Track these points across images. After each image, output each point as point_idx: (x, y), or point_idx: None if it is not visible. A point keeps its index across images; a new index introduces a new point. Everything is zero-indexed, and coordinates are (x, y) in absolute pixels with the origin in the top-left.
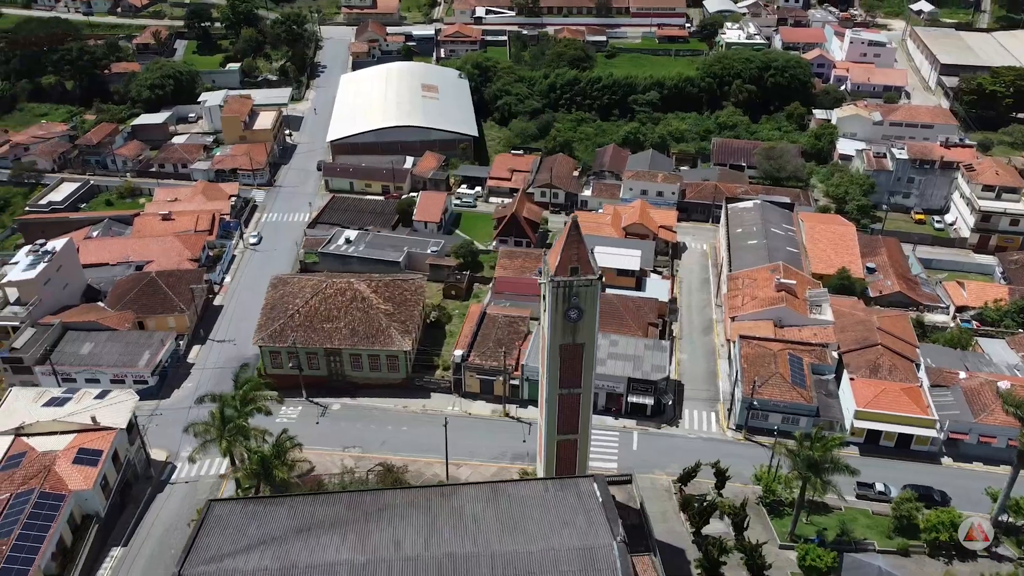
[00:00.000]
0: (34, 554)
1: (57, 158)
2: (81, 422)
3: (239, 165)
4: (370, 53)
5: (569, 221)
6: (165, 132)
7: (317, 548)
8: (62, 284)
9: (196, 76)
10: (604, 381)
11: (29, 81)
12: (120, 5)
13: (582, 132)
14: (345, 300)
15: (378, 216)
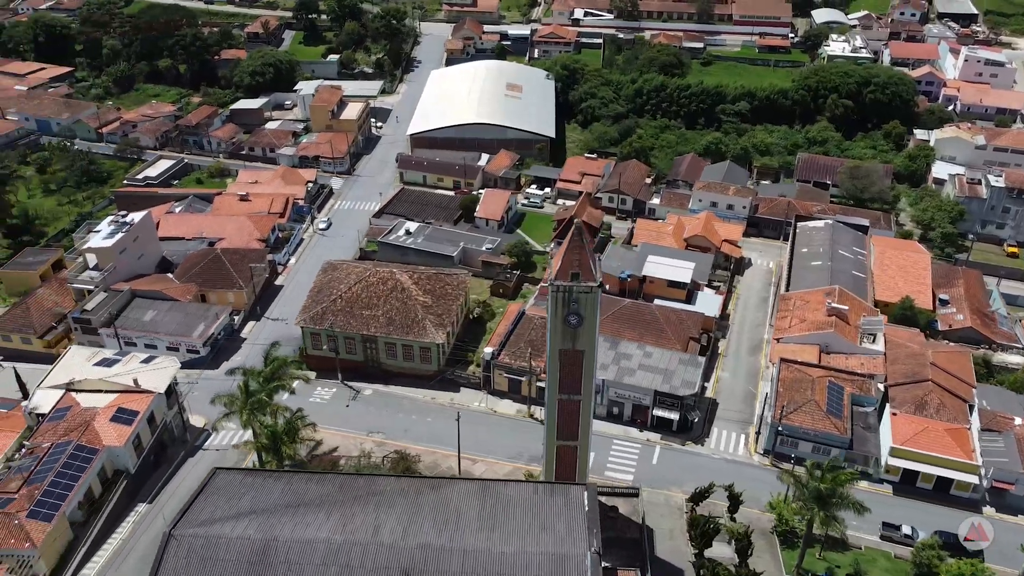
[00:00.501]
0: (62, 500)
1: (160, 136)
2: (124, 383)
3: (321, 152)
4: (464, 50)
5: (573, 227)
6: (260, 117)
7: (300, 524)
8: (137, 254)
9: (296, 65)
10: (631, 392)
11: (147, 63)
12: None
13: (664, 139)
14: (386, 289)
15: (442, 210)
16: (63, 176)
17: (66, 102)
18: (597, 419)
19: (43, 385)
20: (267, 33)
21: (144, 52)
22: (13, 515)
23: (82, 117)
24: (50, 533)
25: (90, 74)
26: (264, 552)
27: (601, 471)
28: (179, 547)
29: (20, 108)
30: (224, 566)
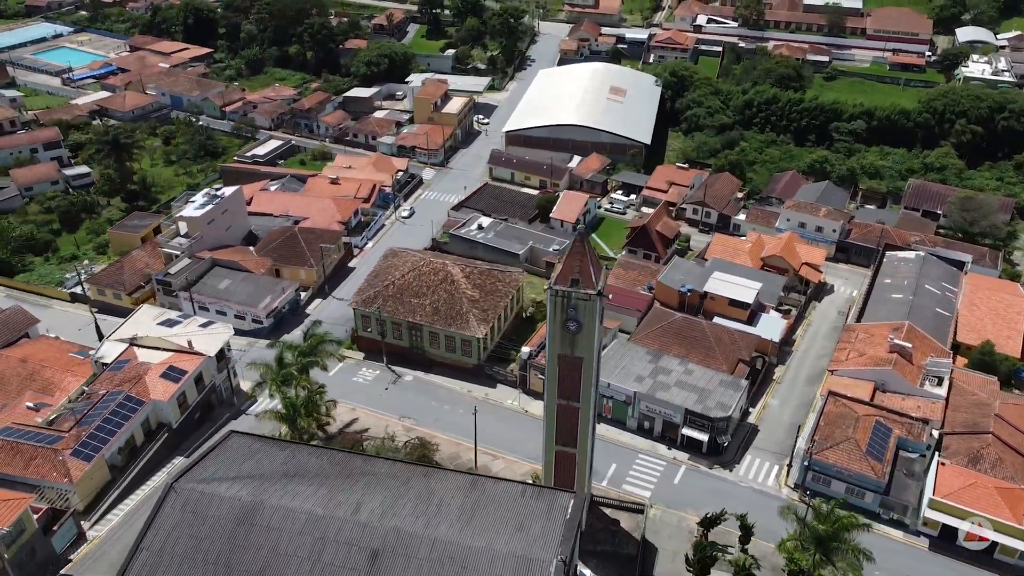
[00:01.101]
0: (103, 444)
1: (275, 118)
2: (179, 344)
3: (418, 143)
4: (578, 51)
5: (576, 233)
6: (370, 106)
7: (290, 493)
8: (225, 226)
9: (411, 58)
10: (662, 408)
11: (278, 49)
12: None
13: (768, 154)
14: (436, 280)
15: (520, 208)
16: (183, 149)
17: (198, 81)
18: (627, 431)
19: (112, 337)
20: (391, 25)
21: (276, 38)
22: (59, 451)
23: (209, 95)
24: (88, 472)
25: (227, 56)
26: (250, 514)
27: (619, 483)
28: (176, 498)
29: (159, 84)
30: (211, 522)
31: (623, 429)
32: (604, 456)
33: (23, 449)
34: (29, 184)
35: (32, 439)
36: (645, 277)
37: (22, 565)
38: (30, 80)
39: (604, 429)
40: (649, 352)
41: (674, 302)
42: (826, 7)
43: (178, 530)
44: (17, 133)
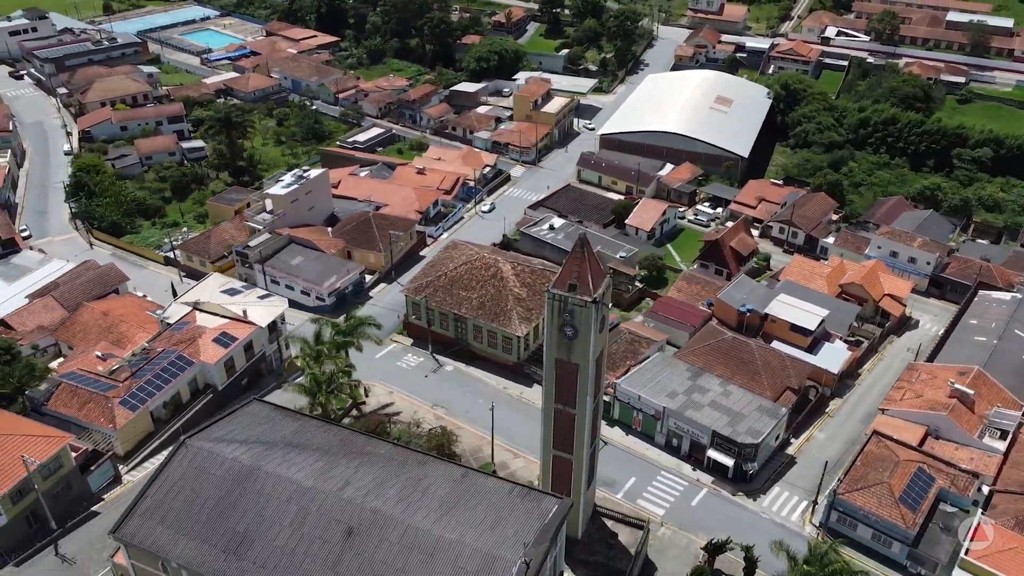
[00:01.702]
0: (150, 397)
1: (382, 107)
2: (235, 313)
3: (511, 141)
4: (694, 58)
5: (578, 239)
6: (475, 100)
7: (287, 463)
8: (308, 206)
9: (522, 56)
10: (690, 427)
11: (399, 41)
12: None
13: (878, 177)
14: (486, 275)
15: (597, 212)
16: (293, 131)
17: (318, 67)
18: (654, 447)
19: (179, 300)
20: (509, 23)
21: (398, 30)
22: (109, 399)
23: (325, 82)
24: (131, 421)
25: (352, 45)
26: (246, 477)
27: (635, 497)
28: (186, 453)
29: (283, 68)
30: (210, 479)
31: (650, 444)
32: (625, 468)
33: (80, 393)
34: (149, 153)
35: (90, 385)
36: (708, 293)
37: (57, 497)
38: (174, 58)
39: (632, 442)
40: (690, 369)
41: (732, 321)
42: (970, 24)
43: (181, 483)
44: (147, 106)
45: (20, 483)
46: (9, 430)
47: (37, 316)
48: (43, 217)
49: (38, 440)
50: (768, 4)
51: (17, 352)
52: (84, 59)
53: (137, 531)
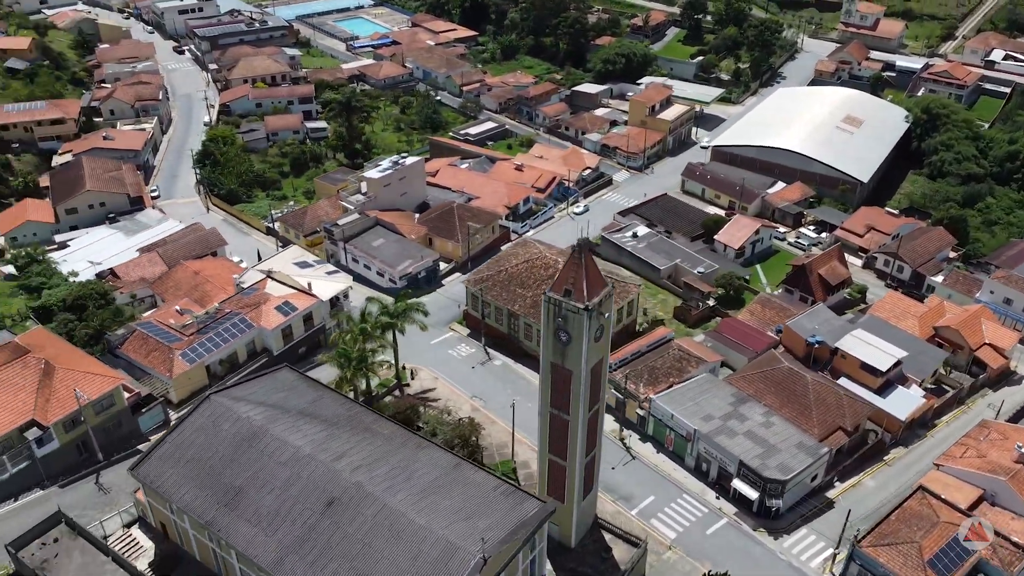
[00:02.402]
0: (208, 353)
1: (502, 102)
2: (301, 285)
3: (620, 145)
4: (835, 74)
5: (577, 245)
6: (594, 102)
7: (293, 428)
8: (400, 191)
9: (652, 60)
10: (719, 453)
11: (534, 38)
12: None
13: (1017, 217)
14: (543, 275)
15: (687, 224)
16: (413, 119)
17: (449, 60)
18: (683, 469)
19: (256, 267)
20: (647, 27)
21: (535, 27)
22: (172, 350)
23: (453, 74)
24: (187, 372)
25: (489, 40)
26: (253, 436)
27: (649, 515)
28: (208, 407)
29: (417, 58)
30: (222, 434)
31: (679, 465)
32: (647, 485)
33: (149, 341)
34: (276, 130)
35: (159, 335)
36: (781, 319)
37: (107, 432)
38: (323, 43)
39: (661, 460)
40: (736, 394)
41: (800, 351)
42: None
43: (197, 434)
44: (282, 86)
45: (72, 414)
46: (71, 365)
47: (141, 269)
48: (174, 180)
49: (95, 378)
50: (930, 22)
51: (112, 299)
52: (236, 39)
53: (151, 472)
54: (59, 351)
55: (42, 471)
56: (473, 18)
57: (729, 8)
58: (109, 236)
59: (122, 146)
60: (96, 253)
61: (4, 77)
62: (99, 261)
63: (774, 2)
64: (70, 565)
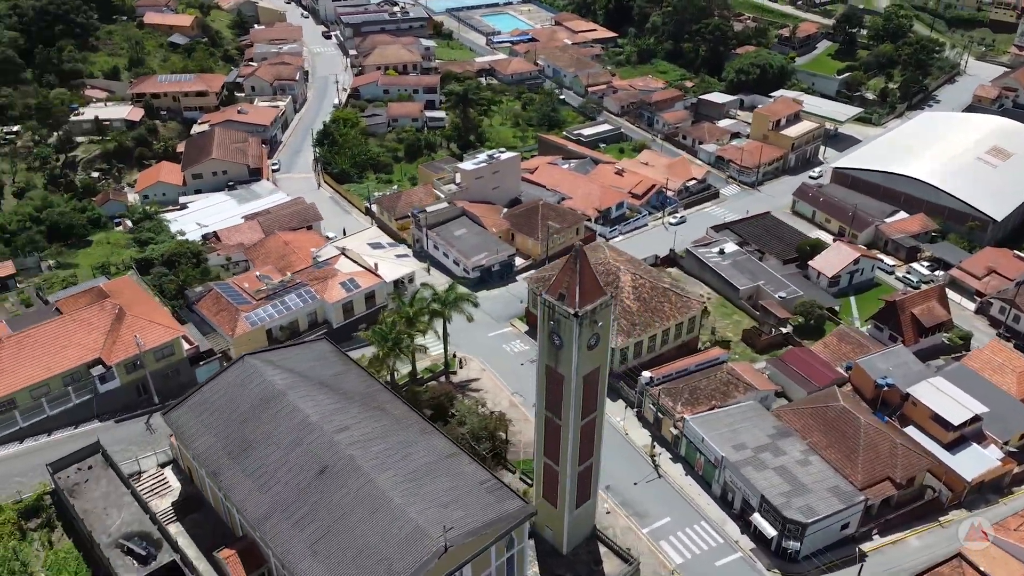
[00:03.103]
0: (269, 319)
1: (624, 106)
2: (368, 265)
3: (734, 158)
4: (996, 101)
5: (573, 250)
6: (720, 112)
7: (307, 397)
8: (492, 185)
9: (789, 73)
10: (743, 484)
11: (672, 43)
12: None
13: None
14: (605, 280)
15: (783, 246)
16: (531, 115)
17: (579, 59)
18: (708, 495)
19: (333, 243)
20: (795, 38)
21: (674, 32)
22: (239, 311)
23: (580, 74)
24: (247, 333)
25: (628, 43)
26: (271, 399)
27: (660, 536)
28: (242, 367)
29: (548, 56)
30: (246, 392)
31: (705, 491)
32: (666, 505)
33: (221, 301)
34: (396, 116)
35: (231, 296)
36: (857, 355)
37: (166, 378)
38: (465, 36)
39: (687, 483)
40: (778, 427)
41: (868, 392)
42: None
43: (225, 389)
44: (410, 75)
45: (134, 358)
46: (142, 314)
47: (241, 235)
48: (296, 156)
49: (159, 328)
50: None
51: (205, 259)
52: (377, 27)
53: (180, 419)
54: (136, 299)
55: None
56: (616, 19)
57: (888, 23)
58: (223, 202)
59: (253, 120)
60: (207, 216)
61: (166, 50)
62: (206, 224)
63: (942, 19)
64: (95, 492)
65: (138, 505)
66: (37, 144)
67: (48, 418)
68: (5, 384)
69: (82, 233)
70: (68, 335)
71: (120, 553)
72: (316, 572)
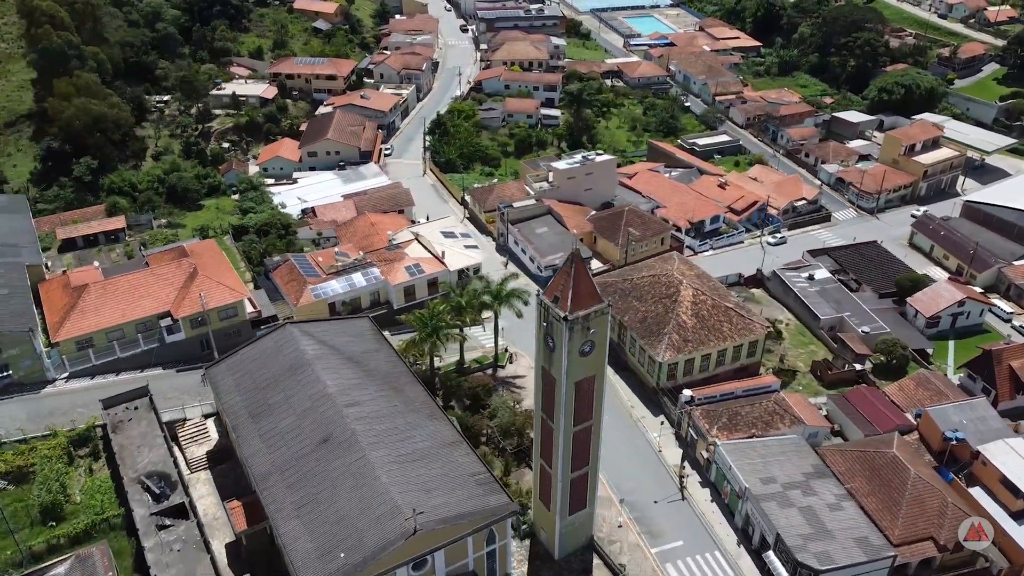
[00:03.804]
0: (333, 293)
1: (750, 118)
2: (435, 252)
3: (855, 181)
4: None
5: (570, 254)
6: (854, 132)
7: (331, 368)
8: (585, 186)
9: (940, 95)
10: (762, 519)
11: (819, 56)
12: (975, 17)
13: None
14: (663, 292)
15: (882, 278)
16: (650, 121)
17: (711, 67)
18: (731, 527)
19: (409, 228)
20: (956, 59)
21: (822, 45)
22: (306, 283)
23: (710, 82)
24: (310, 304)
25: (772, 53)
26: (298, 366)
27: (667, 560)
28: (281, 333)
29: (681, 62)
30: (279, 358)
31: (728, 521)
32: (683, 529)
33: (293, 272)
34: (512, 112)
35: (303, 268)
36: (931, 403)
37: (228, 336)
38: (604, 37)
39: (711, 509)
40: (816, 465)
41: (936, 445)
42: None
43: (261, 353)
44: (533, 72)
45: (197, 314)
46: (214, 275)
47: (335, 212)
48: (409, 143)
49: (226, 290)
50: None
51: (294, 231)
52: (511, 24)
53: (217, 375)
54: (213, 262)
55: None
56: (764, 28)
57: None
58: (329, 180)
59: (373, 106)
60: (310, 192)
61: (309, 34)
62: (306, 199)
63: None
64: (134, 431)
65: (166, 448)
66: (181, 114)
67: (118, 359)
68: (86, 324)
69: (196, 197)
70: (146, 287)
71: (139, 488)
72: (297, 533)
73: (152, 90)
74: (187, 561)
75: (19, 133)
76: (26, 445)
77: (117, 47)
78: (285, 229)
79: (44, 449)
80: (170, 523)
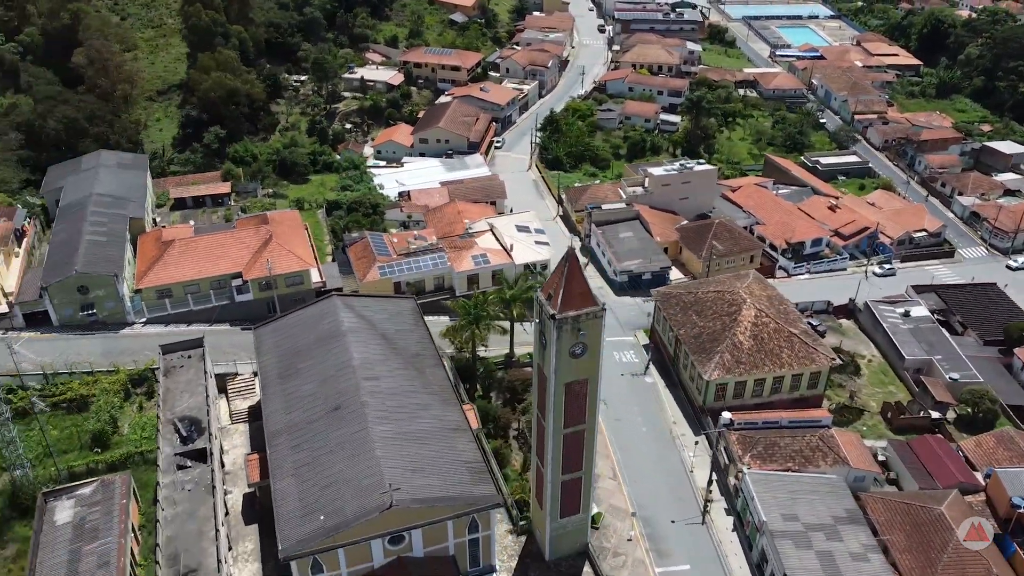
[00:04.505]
0: (398, 272)
1: (888, 140)
2: (505, 245)
3: (989, 215)
4: None
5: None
6: (1006, 164)
7: (361, 342)
8: (681, 194)
9: None
10: (774, 557)
11: (984, 79)
12: None
13: None
14: (725, 310)
15: (990, 325)
16: (776, 135)
17: (858, 83)
18: (747, 559)
19: (487, 219)
20: None
21: (990, 67)
22: (376, 260)
23: (850, 99)
24: (375, 281)
25: (932, 73)
26: (332, 336)
27: None
28: (326, 303)
29: (824, 77)
30: (317, 325)
31: (745, 553)
32: (696, 553)
33: (367, 249)
34: (630, 115)
35: (377, 247)
36: (1010, 464)
37: (293, 302)
38: (751, 45)
39: (730, 538)
40: (851, 511)
41: (1002, 509)
42: None
43: (303, 319)
44: (658, 76)
45: (265, 278)
46: (288, 245)
47: (428, 198)
48: (521, 137)
49: (292, 258)
50: None
51: (383, 212)
52: (647, 26)
53: (262, 335)
54: (291, 232)
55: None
56: (929, 47)
57: None
58: (433, 167)
59: (490, 99)
60: (411, 177)
61: (444, 26)
62: (405, 183)
63: None
64: (182, 377)
65: (205, 397)
66: (313, 94)
67: (191, 311)
68: (167, 275)
69: (304, 172)
70: (224, 248)
71: (171, 429)
72: (289, 491)
73: (293, 69)
74: (193, 501)
75: (169, 101)
76: (92, 377)
77: (262, 27)
78: (373, 208)
79: (106, 383)
80: (189, 464)
